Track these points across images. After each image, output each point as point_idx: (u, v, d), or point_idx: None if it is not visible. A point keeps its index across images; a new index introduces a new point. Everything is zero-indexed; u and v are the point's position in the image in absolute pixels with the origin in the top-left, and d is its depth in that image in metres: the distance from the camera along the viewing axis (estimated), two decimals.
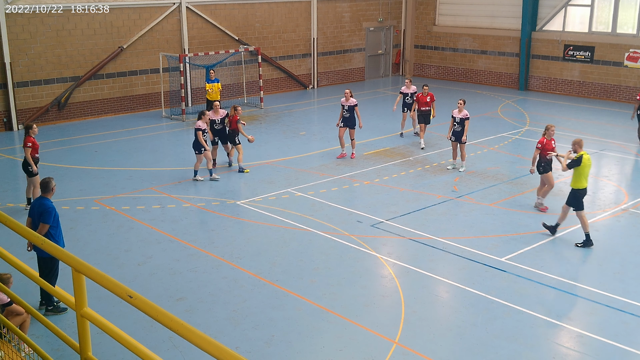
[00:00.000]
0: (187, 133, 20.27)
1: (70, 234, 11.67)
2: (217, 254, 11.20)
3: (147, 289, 9.92)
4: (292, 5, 26.13)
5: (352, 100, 16.47)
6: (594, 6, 24.75)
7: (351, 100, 16.45)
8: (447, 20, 29.29)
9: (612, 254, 11.34)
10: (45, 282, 4.74)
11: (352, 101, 16.45)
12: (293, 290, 9.91)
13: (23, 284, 9.19)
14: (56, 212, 9.01)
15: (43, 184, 9.17)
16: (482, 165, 16.29)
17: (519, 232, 12.20)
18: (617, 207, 13.56)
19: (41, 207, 8.96)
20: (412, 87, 18.91)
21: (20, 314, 7.91)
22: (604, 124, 20.85)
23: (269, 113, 22.68)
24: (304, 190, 14.46)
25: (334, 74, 28.29)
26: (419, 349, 8.31)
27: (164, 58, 21.90)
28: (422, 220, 12.78)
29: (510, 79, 27.38)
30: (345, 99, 16.48)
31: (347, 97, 16.45)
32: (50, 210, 8.91)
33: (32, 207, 9.17)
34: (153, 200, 13.83)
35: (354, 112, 16.50)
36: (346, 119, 16.55)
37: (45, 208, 8.92)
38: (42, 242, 4.09)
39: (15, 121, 19.93)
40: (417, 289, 10.04)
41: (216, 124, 15.65)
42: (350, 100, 16.45)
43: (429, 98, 17.73)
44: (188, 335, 2.97)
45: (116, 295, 3.43)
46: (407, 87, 18.84)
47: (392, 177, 15.41)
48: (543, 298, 9.72)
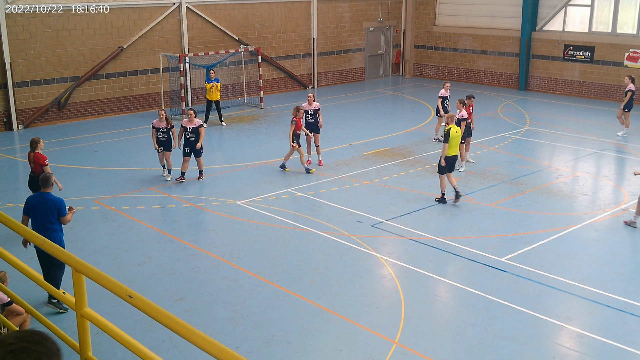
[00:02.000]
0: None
1: (70, 234, 11.66)
2: (217, 254, 11.20)
3: (147, 289, 9.92)
4: (292, 5, 26.13)
5: (316, 104, 16.19)
6: (594, 6, 24.75)
7: (315, 105, 16.12)
8: (447, 20, 29.28)
9: (612, 254, 11.34)
10: (46, 283, 4.74)
11: (315, 105, 16.15)
12: (293, 290, 9.91)
13: (23, 283, 9.19)
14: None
15: (44, 179, 9.13)
16: (482, 165, 16.29)
17: (519, 232, 12.20)
18: (617, 207, 13.56)
19: (54, 204, 8.93)
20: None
21: (20, 313, 7.91)
22: (604, 124, 20.85)
23: (269, 113, 22.68)
24: (304, 190, 14.46)
25: (334, 74, 28.29)
26: (419, 349, 8.31)
27: (164, 58, 21.90)
28: (422, 220, 12.78)
29: (510, 79, 27.37)
30: (309, 103, 16.09)
31: (311, 101, 16.09)
32: (62, 202, 8.98)
33: (33, 204, 9.04)
34: (153, 200, 13.83)
35: (317, 117, 16.12)
36: (311, 124, 16.05)
37: (59, 203, 8.94)
38: (42, 242, 4.09)
39: (15, 121, 19.93)
40: (417, 289, 10.04)
41: (188, 133, 14.79)
42: (314, 105, 16.11)
43: (471, 108, 16.39)
44: (188, 335, 2.97)
45: (116, 295, 3.43)
46: (446, 91, 18.60)
47: (392, 177, 15.40)
48: (543, 298, 9.72)
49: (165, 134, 14.84)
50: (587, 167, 16.51)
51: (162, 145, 14.93)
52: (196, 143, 14.82)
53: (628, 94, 18.74)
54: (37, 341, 1.91)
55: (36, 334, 1.95)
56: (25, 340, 1.91)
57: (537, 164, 16.51)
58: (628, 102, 18.78)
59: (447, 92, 18.43)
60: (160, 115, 14.84)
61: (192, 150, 14.86)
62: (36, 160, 11.85)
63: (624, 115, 18.99)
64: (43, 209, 8.95)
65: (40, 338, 1.94)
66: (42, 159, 11.83)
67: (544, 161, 16.96)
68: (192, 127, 14.81)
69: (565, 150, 18.07)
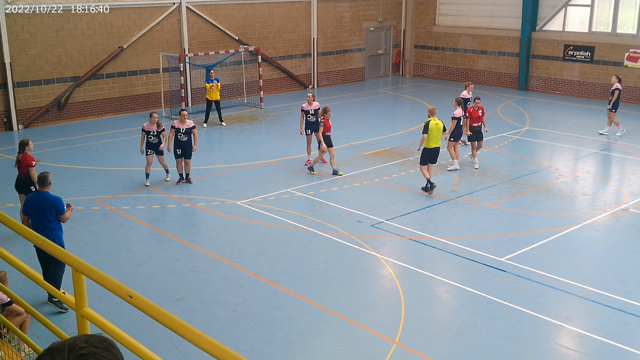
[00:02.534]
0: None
1: (70, 234, 11.66)
2: (217, 254, 11.20)
3: (147, 289, 9.92)
4: (292, 5, 26.12)
5: (316, 104, 16.17)
6: (594, 6, 24.75)
7: (315, 104, 16.10)
8: (447, 20, 29.28)
9: (612, 254, 11.34)
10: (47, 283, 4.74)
11: (315, 105, 16.13)
12: (293, 290, 9.91)
13: (23, 283, 9.19)
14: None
15: (41, 178, 9.14)
16: (482, 165, 16.29)
17: (519, 232, 12.20)
18: (617, 207, 13.55)
19: (52, 202, 8.94)
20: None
21: (20, 313, 7.91)
22: (604, 124, 20.84)
23: (269, 113, 22.68)
24: (304, 190, 14.45)
25: (334, 74, 28.29)
26: (419, 349, 8.31)
27: (164, 58, 21.90)
28: (422, 220, 12.78)
29: (510, 79, 27.37)
30: (308, 103, 16.09)
31: (310, 101, 16.10)
32: (60, 200, 8.98)
33: (31, 204, 9.04)
34: (153, 200, 13.82)
35: (318, 117, 15.93)
36: (312, 124, 16.04)
37: (56, 201, 8.94)
38: (43, 242, 4.09)
39: (15, 121, 19.93)
40: (417, 289, 10.04)
41: (180, 134, 14.51)
42: (314, 104, 16.10)
43: (480, 112, 16.20)
44: (188, 335, 2.97)
45: (116, 295, 3.43)
46: (468, 92, 18.49)
47: (392, 177, 15.40)
48: (543, 298, 9.72)
49: (156, 137, 14.47)
50: (587, 167, 16.51)
51: (153, 149, 14.55)
52: (188, 143, 14.55)
53: (615, 93, 18.74)
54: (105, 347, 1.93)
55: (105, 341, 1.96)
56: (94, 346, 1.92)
57: (537, 164, 16.51)
58: (615, 102, 18.76)
59: (469, 93, 18.13)
60: (152, 118, 14.48)
61: (184, 151, 14.59)
62: (23, 160, 11.81)
63: (611, 115, 18.94)
64: (41, 208, 8.96)
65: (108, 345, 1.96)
66: (29, 159, 11.81)
67: (544, 161, 16.96)
68: (185, 127, 14.54)
69: (565, 150, 18.07)
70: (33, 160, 11.87)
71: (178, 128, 14.53)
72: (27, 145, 11.93)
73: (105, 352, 1.91)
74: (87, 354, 1.89)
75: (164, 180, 15.10)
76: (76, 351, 1.90)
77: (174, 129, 14.56)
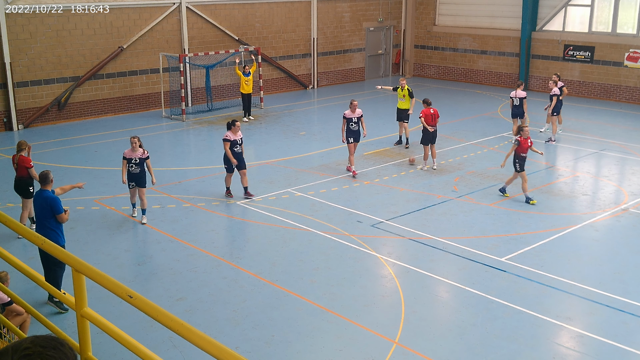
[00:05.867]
0: (187, 133, 20.30)
1: (70, 234, 11.66)
2: (217, 254, 11.20)
3: (147, 289, 9.92)
4: (292, 5, 26.13)
5: (359, 111, 15.36)
6: (594, 6, 24.74)
7: (358, 111, 15.33)
8: (447, 20, 29.28)
9: (612, 254, 11.34)
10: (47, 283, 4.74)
11: (359, 112, 15.34)
12: (293, 290, 9.91)
13: (23, 283, 9.19)
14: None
15: (43, 176, 9.20)
16: (482, 165, 16.29)
17: (519, 232, 12.20)
18: (617, 207, 13.55)
19: (46, 201, 8.95)
20: (523, 92, 18.39)
21: (20, 313, 7.91)
22: (604, 124, 20.85)
23: (269, 113, 22.68)
24: (304, 190, 14.45)
25: (334, 74, 28.29)
26: (419, 349, 8.31)
27: (164, 58, 21.89)
28: (422, 220, 12.78)
29: (510, 79, 27.36)
30: (352, 110, 15.28)
31: (355, 108, 15.28)
32: (58, 200, 8.99)
33: (35, 202, 9.18)
34: (153, 200, 13.82)
35: (360, 125, 15.39)
36: (355, 132, 15.33)
37: (51, 200, 8.95)
38: (43, 242, 4.10)
39: (15, 121, 19.93)
40: (417, 289, 10.04)
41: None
42: (358, 112, 15.32)
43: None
44: (188, 335, 2.97)
45: (116, 295, 3.43)
46: (516, 92, 18.30)
47: (392, 177, 15.40)
48: (543, 298, 9.72)
49: (139, 166, 12.32)
50: (587, 167, 16.51)
51: (134, 181, 12.37)
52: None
53: (554, 99, 18.38)
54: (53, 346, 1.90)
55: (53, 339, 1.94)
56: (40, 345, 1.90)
57: (537, 164, 16.50)
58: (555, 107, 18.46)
59: (516, 93, 18.22)
60: (132, 143, 12.31)
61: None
62: (21, 163, 11.83)
63: (553, 119, 18.61)
64: (40, 206, 9.01)
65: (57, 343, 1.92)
66: (26, 161, 11.86)
67: (544, 161, 16.95)
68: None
69: (565, 150, 18.07)
70: (31, 162, 11.95)
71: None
72: (23, 150, 12.02)
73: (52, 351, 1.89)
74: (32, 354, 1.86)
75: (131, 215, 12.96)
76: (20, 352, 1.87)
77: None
